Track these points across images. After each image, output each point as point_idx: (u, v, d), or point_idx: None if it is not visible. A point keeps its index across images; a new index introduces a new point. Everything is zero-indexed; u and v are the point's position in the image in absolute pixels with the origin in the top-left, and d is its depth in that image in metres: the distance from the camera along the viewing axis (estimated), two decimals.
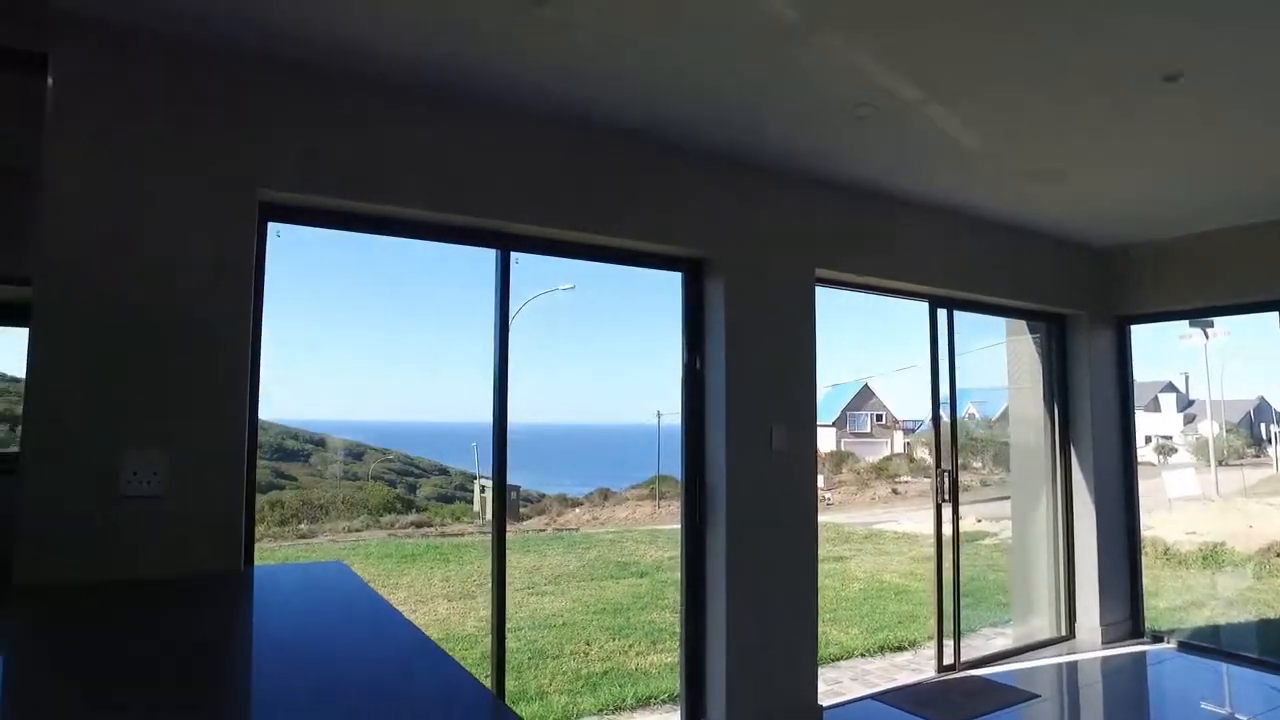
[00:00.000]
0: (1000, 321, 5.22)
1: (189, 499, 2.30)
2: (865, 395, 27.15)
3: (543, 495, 16.83)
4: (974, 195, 4.00)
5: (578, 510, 16.35)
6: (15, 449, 2.55)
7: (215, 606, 2.07)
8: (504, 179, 2.91)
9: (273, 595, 2.19)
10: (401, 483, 16.94)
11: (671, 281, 3.57)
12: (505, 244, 3.05)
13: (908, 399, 26.60)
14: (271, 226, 2.61)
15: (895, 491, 19.34)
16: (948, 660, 4.26)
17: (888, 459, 22.55)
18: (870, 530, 12.06)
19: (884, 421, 26.67)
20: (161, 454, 2.28)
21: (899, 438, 25.14)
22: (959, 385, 4.50)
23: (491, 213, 2.90)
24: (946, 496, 4.35)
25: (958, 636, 4.30)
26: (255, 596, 2.19)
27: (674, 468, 3.68)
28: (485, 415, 3.09)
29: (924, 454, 21.60)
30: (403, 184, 2.72)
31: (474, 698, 1.32)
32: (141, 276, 2.30)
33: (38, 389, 2.19)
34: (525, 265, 3.20)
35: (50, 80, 2.27)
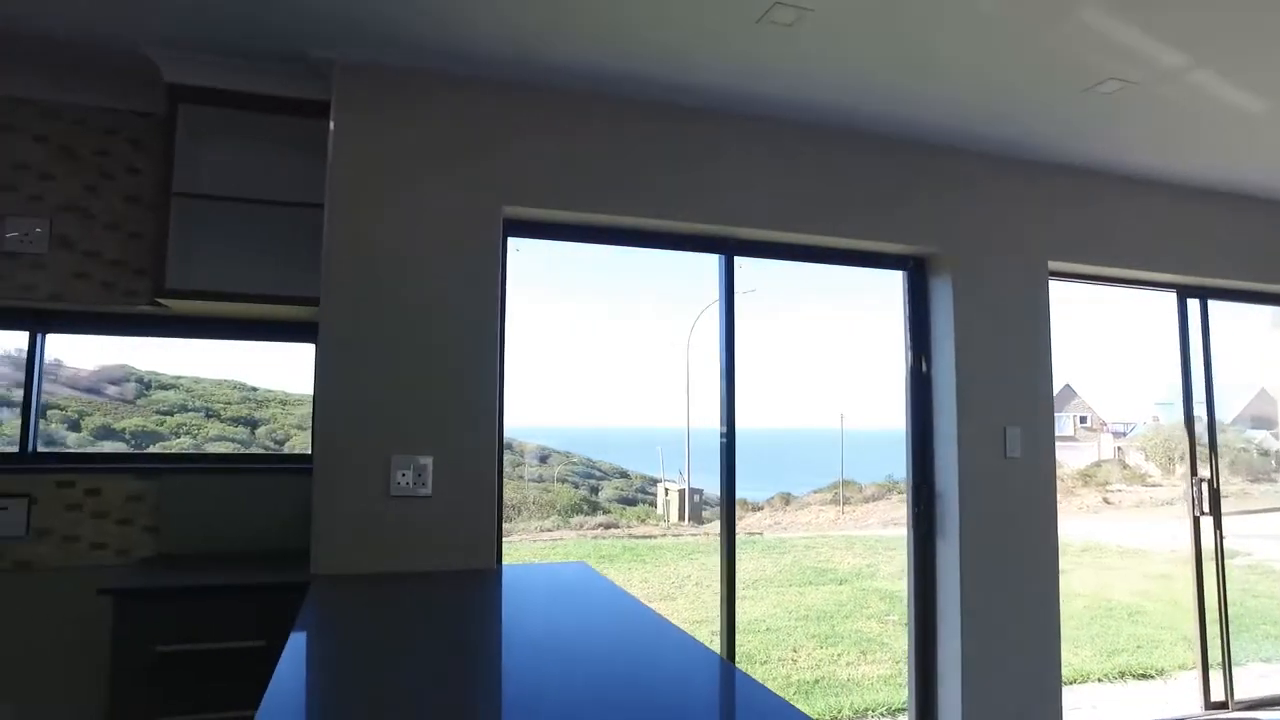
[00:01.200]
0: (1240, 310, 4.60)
1: (449, 500, 2.49)
2: (1067, 396, 25.02)
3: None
4: (1240, 169, 3.56)
5: (758, 515, 16.23)
6: (277, 451, 2.85)
7: (480, 595, 2.21)
8: (729, 184, 2.93)
9: (528, 590, 2.31)
10: (585, 485, 17.51)
11: (853, 283, 3.43)
12: (729, 249, 3.06)
13: (1116, 399, 24.19)
14: (511, 241, 2.77)
15: (1106, 501, 17.67)
16: (1217, 696, 3.80)
17: (1095, 465, 20.63)
18: (1088, 543, 11.08)
19: (1089, 424, 24.44)
20: (425, 458, 2.47)
21: (1107, 441, 22.93)
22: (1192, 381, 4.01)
23: (717, 218, 2.92)
24: (1206, 509, 3.89)
25: (1229, 670, 3.83)
26: (512, 590, 2.31)
27: (857, 472, 3.54)
28: (663, 420, 3.12)
29: (1139, 460, 19.61)
30: (634, 194, 2.80)
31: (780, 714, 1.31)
32: (405, 296, 2.51)
33: (324, 399, 2.44)
34: (698, 268, 3.19)
35: (331, 123, 2.54)
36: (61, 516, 2.69)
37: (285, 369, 3.29)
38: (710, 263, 3.11)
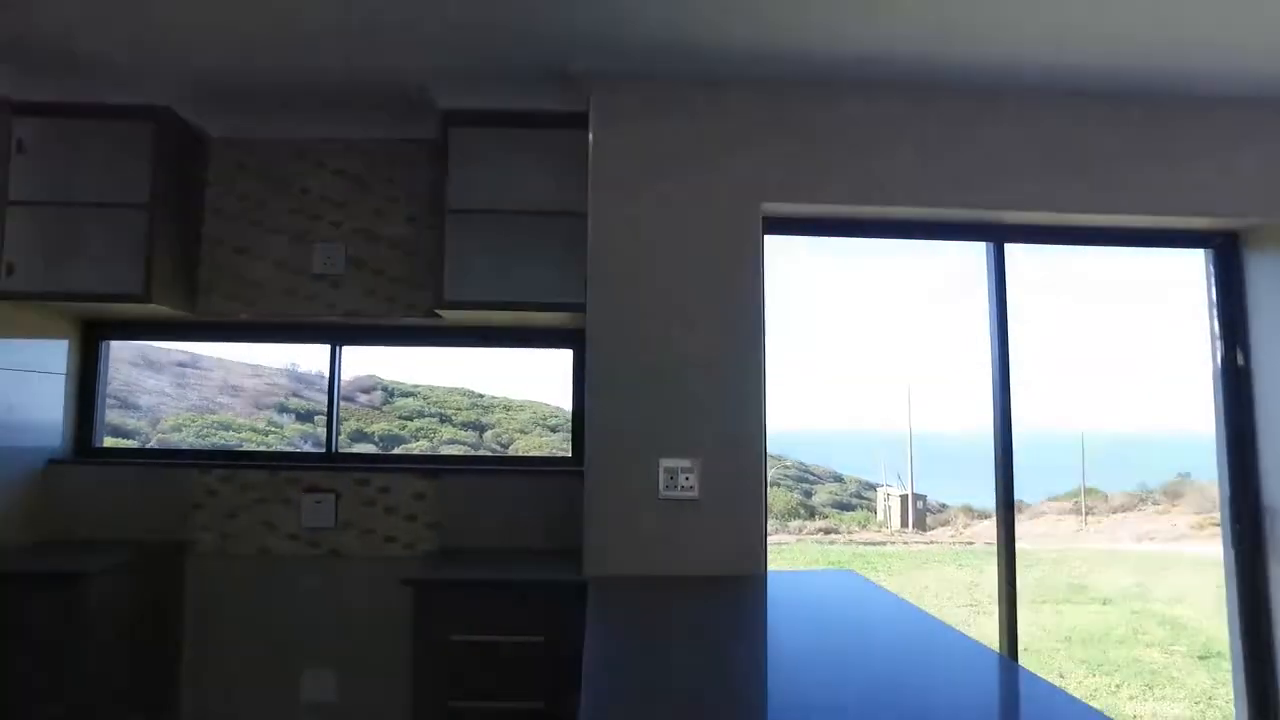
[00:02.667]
0: None
1: (717, 504, 2.45)
2: None
3: (944, 506, 15.87)
4: None
5: (986, 522, 15.11)
6: (533, 454, 2.96)
7: (755, 601, 2.15)
8: (996, 165, 2.67)
9: (805, 596, 2.22)
10: (798, 489, 17.16)
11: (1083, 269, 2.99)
12: (998, 235, 2.80)
13: None
14: (768, 240, 2.70)
15: None
16: None
17: None
18: None
19: None
20: (693, 461, 2.46)
21: None
22: None
23: (983, 203, 2.68)
24: None
25: None
26: (788, 596, 2.23)
27: (1097, 479, 3.07)
28: (878, 423, 2.87)
29: None
30: (892, 183, 2.63)
31: None
32: (668, 298, 2.52)
33: (593, 403, 2.49)
34: (911, 260, 2.91)
35: (590, 133, 2.60)
36: (360, 511, 2.97)
37: (508, 377, 3.45)
38: (912, 254, 2.88)
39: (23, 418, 2.86)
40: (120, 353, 3.22)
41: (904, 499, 12.79)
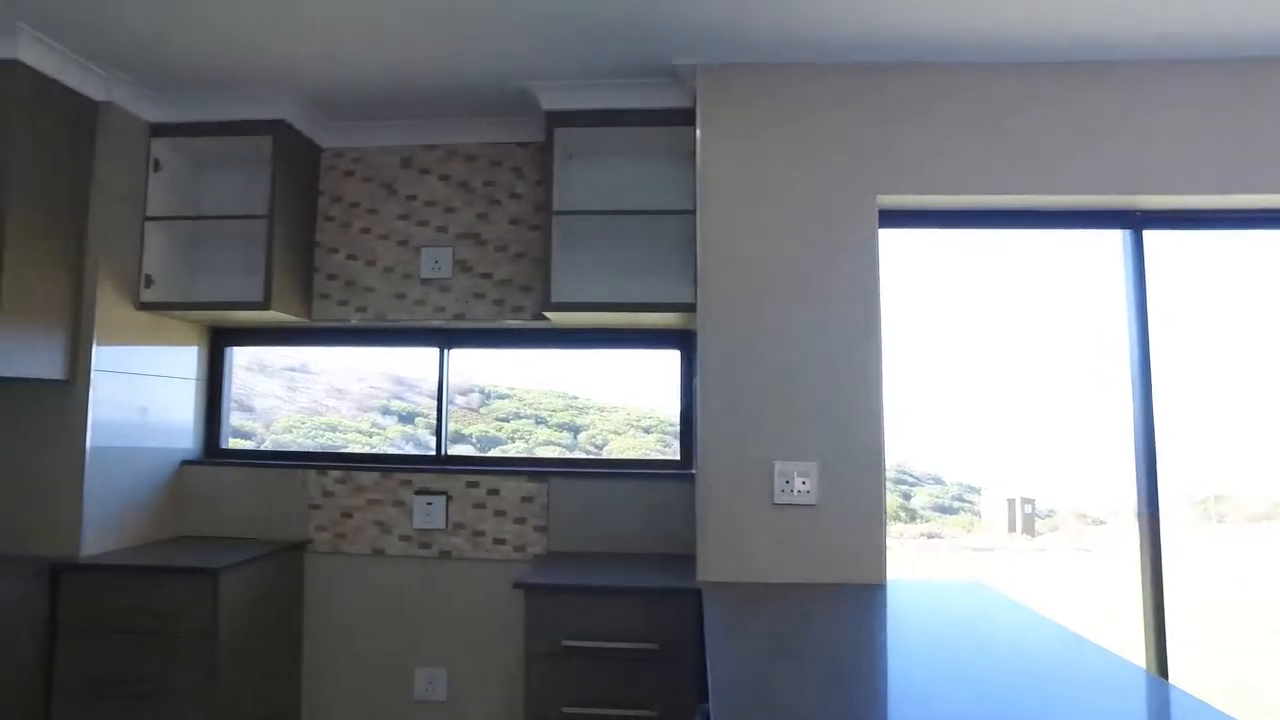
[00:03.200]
0: None
1: (835, 509, 2.36)
2: None
3: (1052, 510, 15.08)
4: None
5: (1102, 529, 14.24)
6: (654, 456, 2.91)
7: (877, 610, 2.05)
8: (1132, 144, 2.47)
9: (924, 607, 2.10)
10: (896, 491, 16.59)
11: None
12: (1136, 223, 2.60)
13: None
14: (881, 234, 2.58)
15: None
16: None
17: None
18: None
19: None
20: (809, 464, 2.37)
21: None
22: None
23: (1118, 187, 2.48)
24: None
25: None
26: (907, 607, 2.12)
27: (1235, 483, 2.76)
28: (988, 421, 2.68)
29: None
30: (1015, 169, 2.47)
31: None
32: (781, 296, 2.43)
33: (706, 405, 2.44)
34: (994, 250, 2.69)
35: (698, 129, 2.55)
36: (470, 513, 3.00)
37: (602, 378, 3.42)
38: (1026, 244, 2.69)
39: (161, 421, 3.01)
40: (238, 358, 3.37)
41: (1010, 503, 12.21)
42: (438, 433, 3.16)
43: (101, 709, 2.51)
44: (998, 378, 2.94)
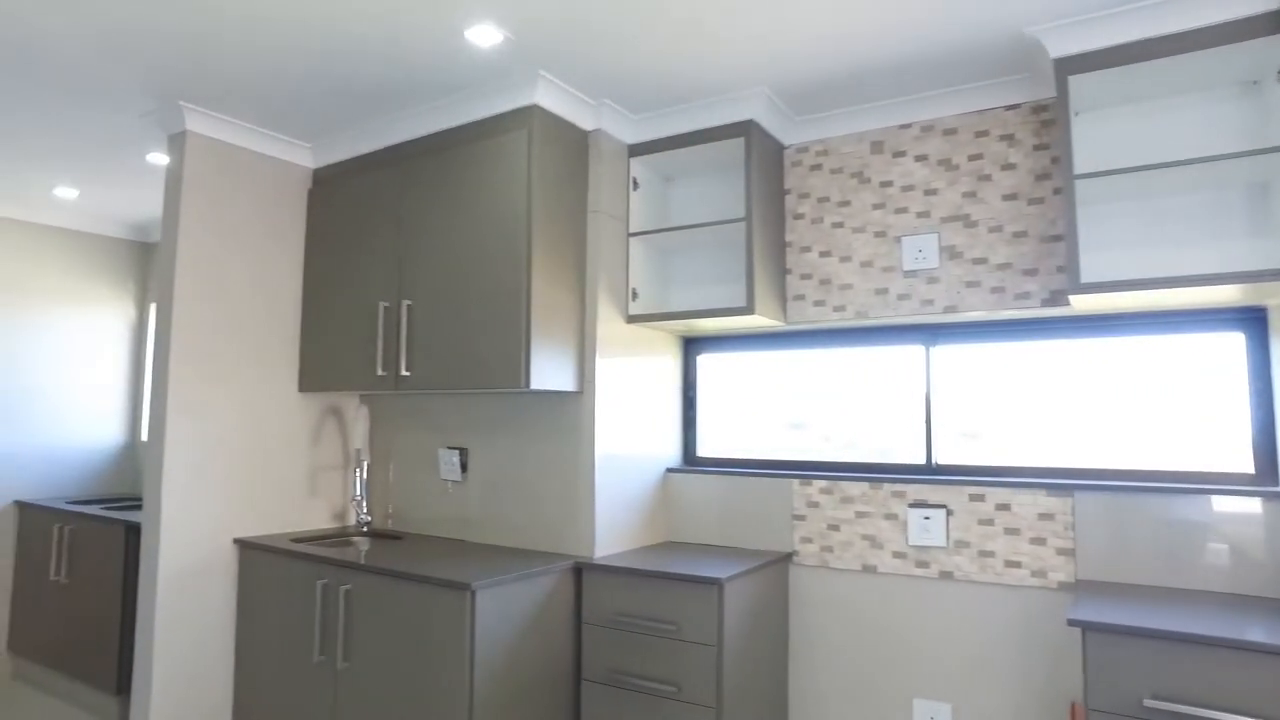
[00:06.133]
0: None
1: None
2: None
3: None
4: None
5: None
6: None
7: None
8: None
9: None
10: None
11: None
12: None
13: None
14: None
15: None
16: None
17: None
18: None
19: None
20: None
21: None
22: None
23: None
24: None
25: None
26: None
27: None
28: None
29: None
30: None
31: None
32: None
33: None
34: None
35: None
36: (975, 530, 2.64)
37: (1127, 370, 2.75)
38: None
39: (649, 430, 3.13)
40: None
41: None
42: (927, 439, 2.85)
43: (620, 698, 2.62)
44: None
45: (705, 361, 3.38)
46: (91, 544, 3.86)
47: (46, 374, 4.56)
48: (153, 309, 4.97)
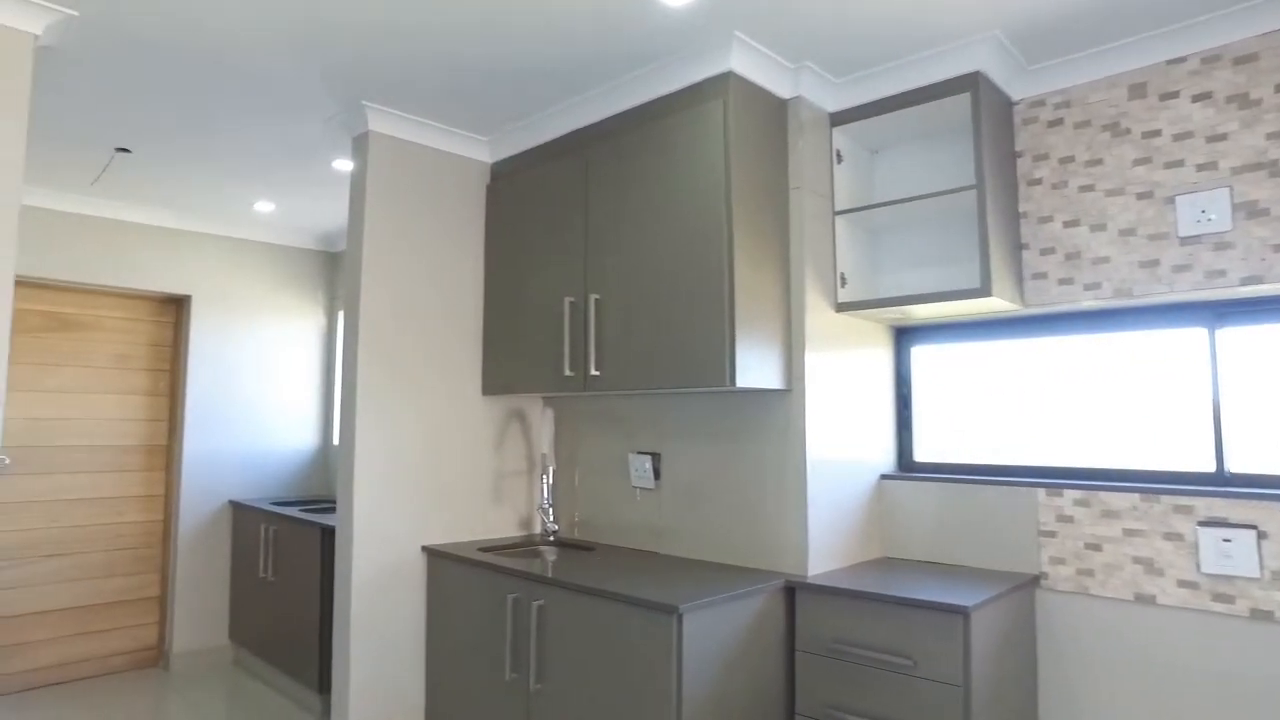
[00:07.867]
0: None
1: None
2: None
3: None
4: None
5: None
6: None
7: None
8: None
9: None
10: None
11: None
12: None
13: None
14: None
15: None
16: None
17: None
18: None
19: None
20: None
21: None
22: None
23: None
24: None
25: None
26: None
27: None
28: None
29: None
30: None
31: None
32: None
33: None
34: None
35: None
36: None
37: None
38: None
39: (861, 432, 2.78)
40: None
41: None
42: (1216, 443, 2.33)
43: None
44: None
45: (920, 354, 2.98)
46: (293, 545, 3.97)
47: (250, 381, 4.79)
48: (340, 317, 5.14)
